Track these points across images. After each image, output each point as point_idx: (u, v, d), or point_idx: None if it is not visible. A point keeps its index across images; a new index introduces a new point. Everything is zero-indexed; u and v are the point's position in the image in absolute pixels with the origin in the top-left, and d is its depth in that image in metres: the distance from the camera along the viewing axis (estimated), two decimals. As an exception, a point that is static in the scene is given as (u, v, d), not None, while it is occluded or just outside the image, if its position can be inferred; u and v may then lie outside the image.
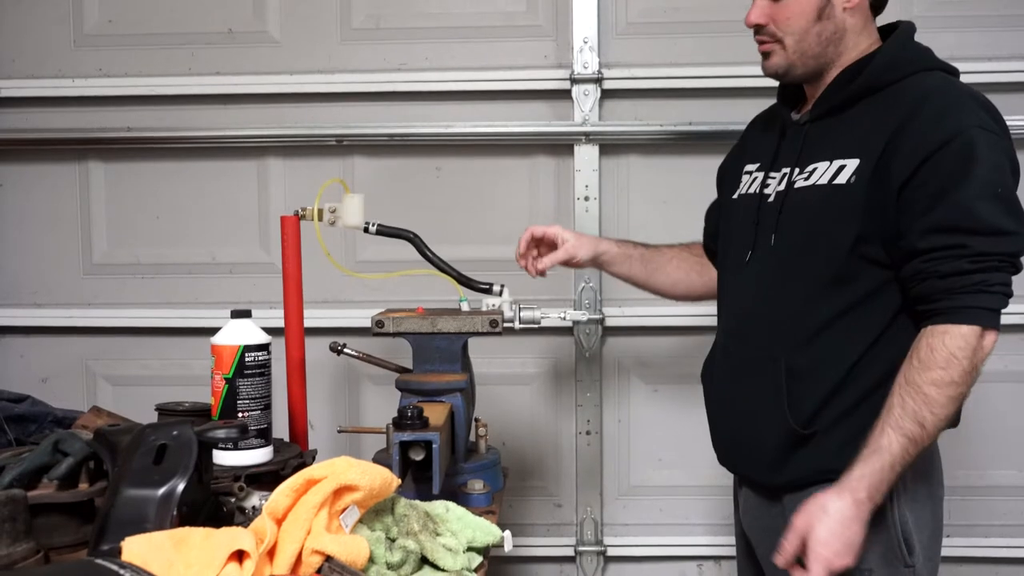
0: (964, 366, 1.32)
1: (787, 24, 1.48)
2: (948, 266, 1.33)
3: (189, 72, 2.40)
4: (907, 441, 1.33)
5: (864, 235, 1.40)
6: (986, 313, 1.33)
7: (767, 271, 1.51)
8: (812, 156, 1.48)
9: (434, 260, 1.83)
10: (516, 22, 2.38)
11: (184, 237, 2.44)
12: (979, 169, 1.33)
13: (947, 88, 1.43)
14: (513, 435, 2.42)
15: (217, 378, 1.52)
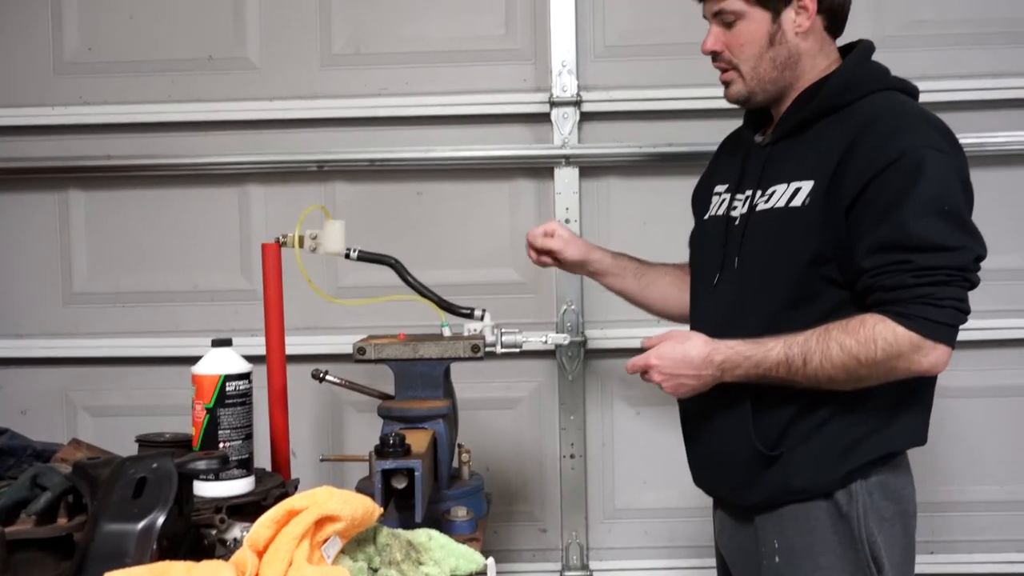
0: (876, 356, 1.35)
1: (740, 51, 1.51)
2: (892, 280, 1.36)
3: (169, 99, 2.40)
4: (785, 360, 1.40)
5: (820, 255, 1.42)
6: (930, 325, 1.35)
7: (733, 292, 1.54)
8: (772, 178, 1.51)
9: (415, 285, 1.83)
10: (495, 46, 2.40)
11: (165, 265, 2.43)
12: (924, 187, 1.35)
13: (898, 108, 1.45)
14: (497, 460, 2.41)
15: (198, 408, 1.51)
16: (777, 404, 1.47)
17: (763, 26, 1.49)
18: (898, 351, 1.35)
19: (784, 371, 1.40)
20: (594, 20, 2.38)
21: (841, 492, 1.46)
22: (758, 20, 1.49)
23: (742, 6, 1.49)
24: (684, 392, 1.48)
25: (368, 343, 1.71)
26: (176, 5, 2.40)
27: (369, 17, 2.40)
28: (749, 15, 1.49)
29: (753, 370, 1.42)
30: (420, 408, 1.63)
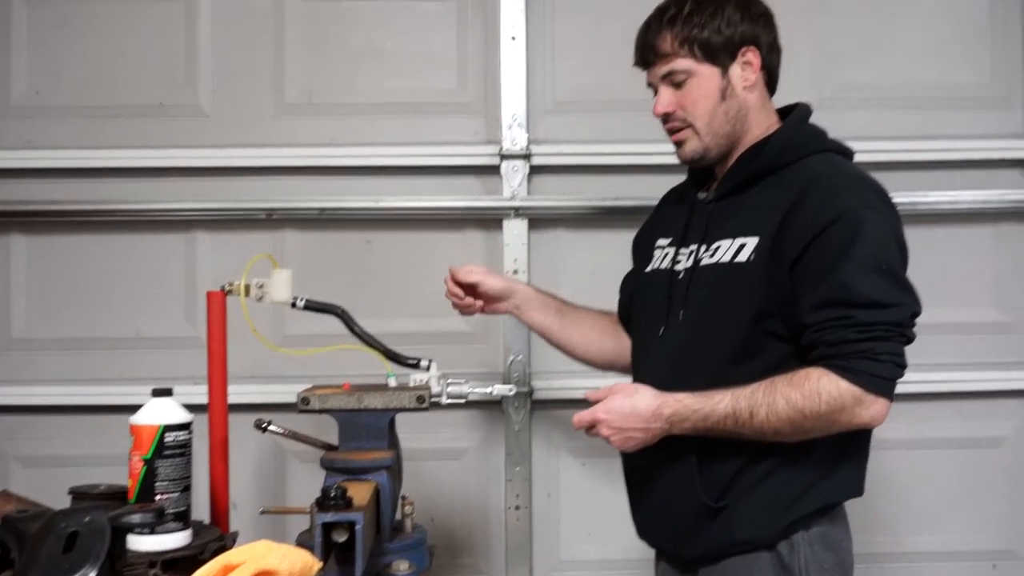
0: (821, 410, 1.39)
1: (695, 108, 1.56)
2: (835, 336, 1.40)
3: (118, 145, 2.38)
4: (733, 412, 1.42)
5: (764, 310, 1.46)
6: (870, 379, 1.39)
7: (678, 345, 1.57)
8: (716, 234, 1.55)
9: (362, 335, 1.83)
10: (447, 99, 2.44)
11: (107, 312, 2.39)
12: (862, 246, 1.41)
13: (836, 170, 1.52)
14: (442, 511, 2.39)
15: (135, 459, 1.48)
16: (723, 457, 1.49)
17: (714, 81, 1.55)
18: (841, 404, 1.39)
19: (732, 423, 1.43)
20: (544, 76, 2.43)
21: (783, 543, 1.49)
22: (708, 76, 1.55)
23: (692, 64, 1.54)
24: (632, 446, 1.49)
25: (312, 393, 1.70)
26: (128, 51, 2.39)
27: (322, 68, 2.42)
28: (699, 72, 1.54)
29: (701, 423, 1.44)
30: (364, 459, 1.62)
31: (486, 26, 2.42)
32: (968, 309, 2.44)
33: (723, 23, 1.54)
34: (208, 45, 2.40)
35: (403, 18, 2.44)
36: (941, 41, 2.46)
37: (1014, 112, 2.47)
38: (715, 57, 1.54)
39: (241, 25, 2.41)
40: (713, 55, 1.54)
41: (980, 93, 2.46)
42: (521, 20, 2.38)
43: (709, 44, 1.54)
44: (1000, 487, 2.44)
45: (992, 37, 2.47)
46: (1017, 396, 2.45)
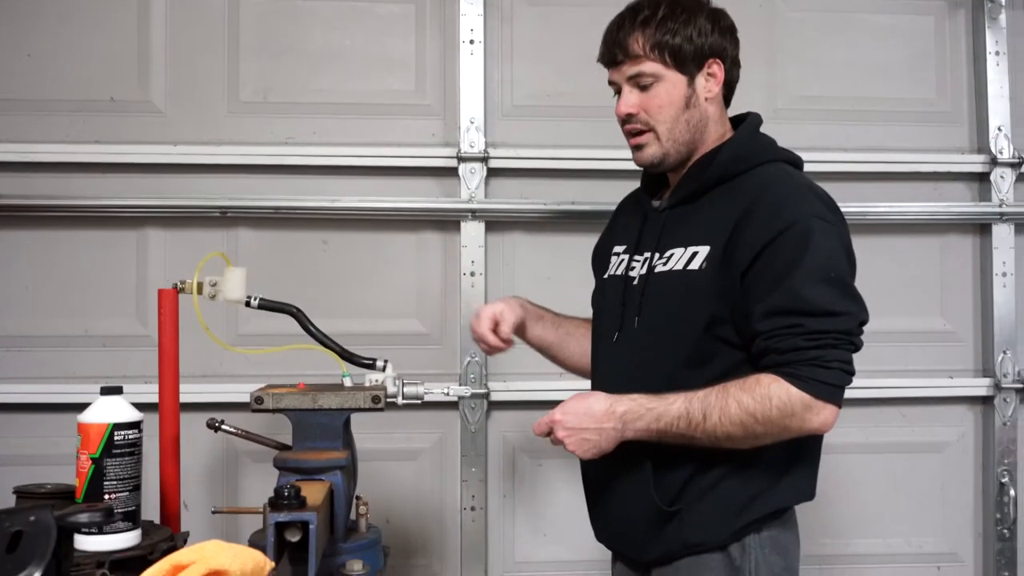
0: (772, 415, 1.40)
1: (659, 113, 1.56)
2: (785, 343, 1.42)
3: (67, 139, 2.34)
4: (686, 414, 1.43)
5: (716, 317, 1.48)
6: (820, 386, 1.41)
7: (632, 351, 1.58)
8: (670, 242, 1.57)
9: (317, 335, 1.82)
10: (405, 101, 2.44)
11: (55, 309, 2.34)
12: (811, 256, 1.42)
13: (786, 179, 1.54)
14: (397, 512, 2.38)
15: (83, 458, 1.45)
16: (676, 463, 1.51)
17: (680, 89, 1.55)
18: (791, 410, 1.40)
19: (684, 425, 1.44)
20: (502, 80, 2.44)
21: (735, 546, 1.51)
22: (675, 83, 1.55)
23: (661, 69, 1.54)
24: (587, 449, 1.48)
25: (266, 392, 1.68)
26: (78, 46, 2.35)
27: (278, 67, 2.41)
28: (667, 78, 1.55)
29: (654, 424, 1.45)
30: (318, 459, 1.61)
31: (444, 30, 2.43)
32: (914, 318, 2.50)
33: (695, 32, 1.55)
34: (161, 41, 2.38)
35: (361, 20, 2.43)
36: (891, 58, 2.52)
37: (960, 127, 2.54)
38: (684, 65, 1.55)
39: (196, 22, 2.39)
40: (682, 63, 1.55)
41: (927, 108, 2.53)
42: (479, 24, 2.40)
43: (680, 52, 1.54)
44: (945, 491, 2.50)
45: (939, 55, 2.55)
46: (961, 403, 2.52)
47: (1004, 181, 2.49)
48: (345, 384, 1.77)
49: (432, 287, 2.42)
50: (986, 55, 2.51)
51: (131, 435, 1.48)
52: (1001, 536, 2.47)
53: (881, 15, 2.53)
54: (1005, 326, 2.49)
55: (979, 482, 2.52)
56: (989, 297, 2.50)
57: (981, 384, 2.49)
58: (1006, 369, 2.48)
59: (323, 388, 1.73)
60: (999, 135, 2.50)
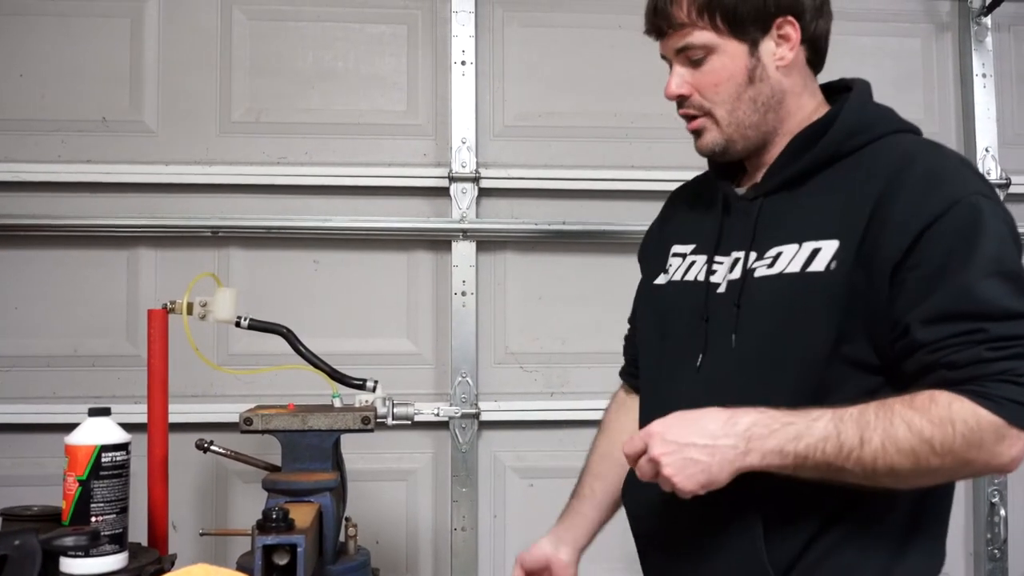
0: (954, 443, 1.06)
1: (714, 92, 1.25)
2: (963, 355, 1.07)
3: (59, 159, 2.34)
4: (835, 436, 1.07)
5: (849, 333, 1.14)
6: (1016, 408, 1.05)
7: (728, 380, 1.21)
8: (772, 238, 1.22)
9: (307, 355, 1.82)
10: (397, 121, 2.45)
11: (44, 328, 2.33)
12: (985, 243, 1.09)
13: (933, 150, 1.20)
14: (387, 533, 2.37)
15: (70, 480, 1.44)
16: (795, 518, 1.16)
17: (740, 61, 1.23)
18: (980, 438, 1.06)
19: (832, 451, 1.07)
20: (494, 100, 2.46)
21: None
22: (733, 54, 1.23)
23: (713, 39, 1.22)
24: (692, 475, 1.09)
25: (255, 413, 1.68)
26: (70, 66, 2.36)
27: (271, 87, 2.42)
28: (722, 49, 1.23)
29: (791, 444, 1.08)
30: (307, 481, 1.60)
31: (436, 50, 2.45)
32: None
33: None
34: (154, 62, 2.38)
35: (353, 40, 2.45)
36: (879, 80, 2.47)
37: (947, 146, 2.56)
38: (742, 30, 1.22)
39: (188, 43, 2.40)
40: (740, 27, 1.22)
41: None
42: (471, 45, 2.41)
43: (735, 13, 1.21)
44: None
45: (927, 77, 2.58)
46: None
47: (992, 201, 2.51)
48: (335, 405, 1.77)
49: (423, 307, 2.42)
50: (973, 77, 2.54)
51: (119, 457, 1.47)
52: (992, 556, 2.47)
53: (868, 37, 2.55)
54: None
55: (970, 502, 2.52)
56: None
57: (971, 403, 2.49)
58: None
59: (313, 409, 1.73)
60: (986, 156, 2.52)
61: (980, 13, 2.54)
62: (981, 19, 2.54)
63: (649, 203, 2.34)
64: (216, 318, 1.78)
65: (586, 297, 2.43)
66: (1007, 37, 2.60)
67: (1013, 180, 2.51)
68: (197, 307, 1.77)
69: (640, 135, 2.46)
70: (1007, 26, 2.59)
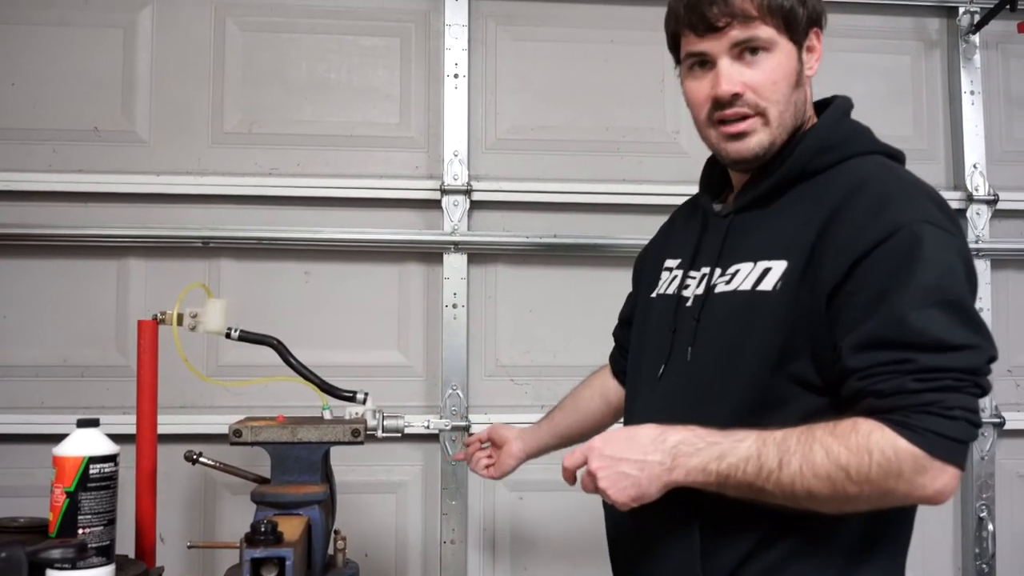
0: (870, 472, 1.06)
1: (773, 90, 1.22)
2: (889, 384, 1.07)
3: (50, 169, 2.34)
4: (756, 457, 1.09)
5: (791, 351, 1.15)
6: (938, 440, 1.05)
7: (682, 390, 1.27)
8: (734, 255, 1.25)
9: (297, 367, 1.81)
10: (389, 133, 2.45)
11: (33, 338, 2.32)
12: (923, 272, 1.09)
13: (886, 175, 1.20)
14: (377, 545, 2.37)
15: (57, 491, 1.44)
16: (733, 532, 1.19)
17: (792, 61, 1.23)
18: (898, 469, 1.05)
19: (753, 471, 1.09)
20: (486, 113, 2.47)
21: None
22: (788, 53, 1.23)
23: (775, 35, 1.22)
24: (624, 488, 1.14)
25: (245, 425, 1.67)
26: (62, 76, 2.36)
27: (263, 97, 2.42)
28: (781, 48, 1.22)
29: (714, 463, 1.11)
30: (296, 493, 1.60)
31: (429, 63, 2.45)
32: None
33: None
34: (147, 72, 2.39)
35: (347, 52, 2.45)
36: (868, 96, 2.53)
37: (937, 164, 2.59)
38: (796, 32, 1.23)
39: (181, 53, 2.40)
40: (795, 29, 1.23)
41: (905, 146, 2.39)
42: (464, 59, 2.42)
43: (794, 15, 1.22)
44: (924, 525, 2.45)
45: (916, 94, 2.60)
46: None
47: (980, 218, 2.53)
48: (325, 417, 1.76)
49: (414, 319, 2.42)
50: (961, 94, 2.56)
51: (107, 468, 1.46)
52: (980, 571, 2.48)
53: (858, 54, 2.57)
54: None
55: (958, 516, 2.53)
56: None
57: (959, 418, 2.50)
58: (983, 404, 2.50)
59: (302, 421, 1.72)
60: (975, 172, 2.54)
61: (968, 31, 2.56)
62: (969, 37, 2.57)
63: (640, 216, 2.39)
64: (206, 329, 1.78)
65: (577, 310, 2.43)
66: (995, 55, 2.63)
67: (1001, 196, 2.53)
68: (187, 318, 1.77)
69: (631, 149, 2.47)
70: (995, 44, 2.62)
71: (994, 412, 2.49)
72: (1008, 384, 2.56)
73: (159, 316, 1.76)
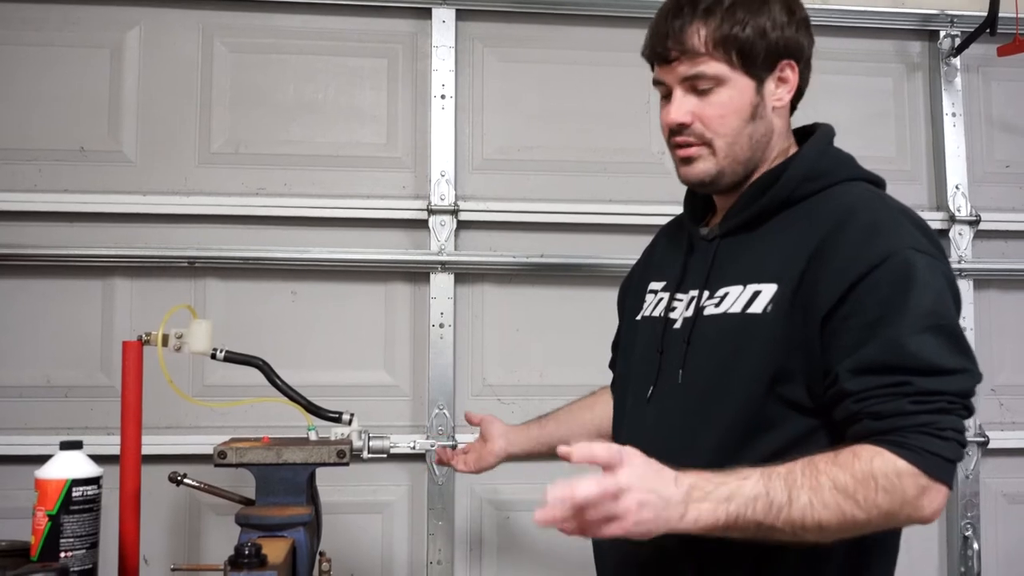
0: (877, 499, 1.07)
1: (720, 124, 1.26)
2: (887, 406, 1.10)
3: (35, 188, 2.33)
4: (764, 495, 1.07)
5: (783, 373, 1.17)
6: (935, 461, 1.08)
7: (671, 413, 1.27)
8: (723, 278, 1.27)
9: (283, 388, 1.81)
10: (376, 153, 2.46)
11: (15, 358, 2.30)
12: (918, 297, 1.12)
13: (874, 203, 1.23)
14: (363, 566, 2.35)
15: (39, 515, 1.43)
16: (725, 563, 1.19)
17: (747, 96, 1.26)
18: (902, 492, 1.08)
19: (762, 509, 1.07)
20: (473, 134, 2.48)
21: None
22: (741, 88, 1.26)
23: (726, 71, 1.25)
24: (643, 520, 1.05)
25: (230, 446, 1.67)
26: (49, 95, 2.35)
27: (251, 117, 2.42)
28: (732, 82, 1.26)
29: (723, 505, 1.07)
30: (280, 515, 1.59)
31: (416, 84, 2.47)
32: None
33: (769, 24, 1.25)
34: (134, 92, 2.39)
35: (334, 73, 2.46)
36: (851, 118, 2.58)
37: (919, 185, 2.62)
38: (752, 66, 1.26)
39: (168, 73, 2.40)
40: (751, 64, 1.26)
41: (888, 167, 2.40)
42: (451, 80, 2.44)
43: (751, 49, 1.25)
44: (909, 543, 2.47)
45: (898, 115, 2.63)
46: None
47: (963, 238, 2.55)
48: (310, 438, 1.76)
49: (401, 339, 2.42)
50: (943, 116, 2.59)
51: (90, 491, 1.45)
52: (966, 590, 2.49)
53: (842, 76, 2.60)
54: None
55: (943, 535, 2.54)
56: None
57: (944, 437, 2.52)
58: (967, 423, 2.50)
59: (288, 442, 1.72)
60: (956, 193, 2.57)
61: (950, 54, 2.60)
62: (951, 60, 2.60)
63: (626, 236, 2.40)
64: (191, 350, 1.78)
65: (564, 330, 2.44)
66: (976, 78, 2.66)
67: (983, 217, 2.56)
68: (172, 339, 1.76)
69: (618, 169, 2.49)
70: (976, 67, 2.66)
71: (978, 431, 2.51)
72: (992, 403, 2.58)
73: (144, 337, 1.76)
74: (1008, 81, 2.67)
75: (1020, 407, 2.60)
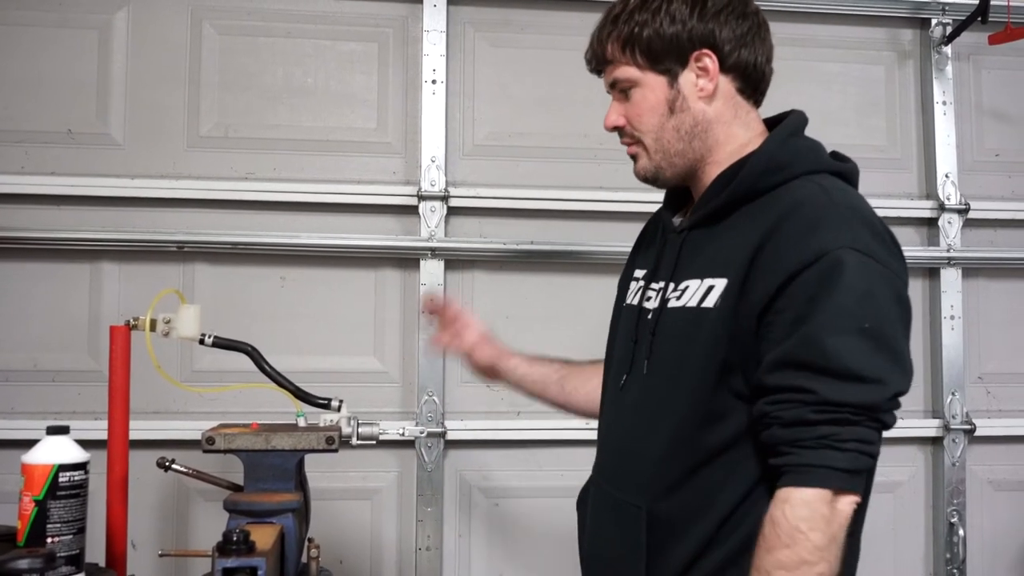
0: (814, 540, 1.10)
1: (640, 122, 1.33)
2: (791, 413, 1.14)
3: (22, 171, 2.31)
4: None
5: (729, 366, 1.20)
6: (836, 474, 1.11)
7: (640, 402, 1.32)
8: (686, 271, 1.30)
9: (271, 374, 1.80)
10: (367, 138, 2.44)
11: (3, 341, 2.29)
12: (840, 297, 1.12)
13: (822, 199, 1.21)
14: (352, 552, 2.36)
15: (26, 500, 1.42)
16: (676, 539, 1.24)
17: (660, 92, 1.31)
18: (822, 518, 1.11)
19: None
20: (463, 120, 2.47)
21: None
22: (653, 86, 1.31)
23: (635, 73, 1.32)
24: None
25: (218, 432, 1.66)
26: (36, 77, 2.33)
27: (240, 101, 2.41)
28: (643, 82, 1.31)
29: None
30: (269, 502, 1.59)
31: (407, 69, 2.45)
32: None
33: (666, 21, 1.28)
34: (122, 75, 2.37)
35: (324, 57, 2.44)
36: (842, 106, 2.60)
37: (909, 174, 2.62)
38: (660, 63, 1.30)
39: (157, 56, 2.38)
40: (657, 61, 1.30)
41: (878, 155, 2.59)
42: (442, 64, 2.42)
43: (651, 48, 1.29)
44: (896, 531, 2.53)
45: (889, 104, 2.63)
46: (912, 443, 2.56)
47: (951, 226, 2.56)
48: (299, 424, 1.76)
49: (390, 325, 2.42)
50: (934, 105, 2.59)
51: (77, 476, 1.45)
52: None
53: (833, 64, 2.60)
54: (953, 368, 2.54)
55: (929, 522, 2.56)
56: (938, 339, 2.55)
57: (931, 425, 2.54)
58: (954, 411, 2.53)
59: (276, 428, 1.71)
60: (946, 182, 2.57)
61: (941, 43, 2.60)
62: (942, 48, 2.60)
63: (616, 224, 2.40)
64: (180, 335, 1.77)
65: (553, 316, 2.44)
66: (967, 66, 2.66)
67: (972, 205, 2.56)
68: (160, 324, 1.75)
69: (608, 156, 2.47)
70: (967, 56, 2.66)
71: (965, 419, 2.52)
72: (979, 391, 2.60)
73: (132, 322, 1.75)
74: (999, 70, 2.68)
75: (1007, 395, 2.61)
